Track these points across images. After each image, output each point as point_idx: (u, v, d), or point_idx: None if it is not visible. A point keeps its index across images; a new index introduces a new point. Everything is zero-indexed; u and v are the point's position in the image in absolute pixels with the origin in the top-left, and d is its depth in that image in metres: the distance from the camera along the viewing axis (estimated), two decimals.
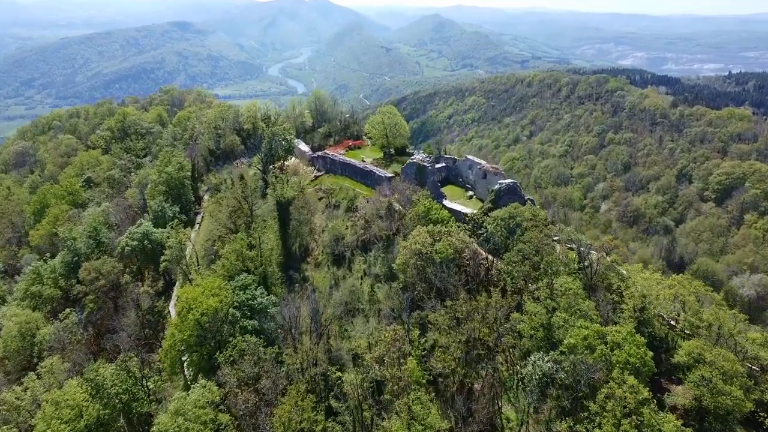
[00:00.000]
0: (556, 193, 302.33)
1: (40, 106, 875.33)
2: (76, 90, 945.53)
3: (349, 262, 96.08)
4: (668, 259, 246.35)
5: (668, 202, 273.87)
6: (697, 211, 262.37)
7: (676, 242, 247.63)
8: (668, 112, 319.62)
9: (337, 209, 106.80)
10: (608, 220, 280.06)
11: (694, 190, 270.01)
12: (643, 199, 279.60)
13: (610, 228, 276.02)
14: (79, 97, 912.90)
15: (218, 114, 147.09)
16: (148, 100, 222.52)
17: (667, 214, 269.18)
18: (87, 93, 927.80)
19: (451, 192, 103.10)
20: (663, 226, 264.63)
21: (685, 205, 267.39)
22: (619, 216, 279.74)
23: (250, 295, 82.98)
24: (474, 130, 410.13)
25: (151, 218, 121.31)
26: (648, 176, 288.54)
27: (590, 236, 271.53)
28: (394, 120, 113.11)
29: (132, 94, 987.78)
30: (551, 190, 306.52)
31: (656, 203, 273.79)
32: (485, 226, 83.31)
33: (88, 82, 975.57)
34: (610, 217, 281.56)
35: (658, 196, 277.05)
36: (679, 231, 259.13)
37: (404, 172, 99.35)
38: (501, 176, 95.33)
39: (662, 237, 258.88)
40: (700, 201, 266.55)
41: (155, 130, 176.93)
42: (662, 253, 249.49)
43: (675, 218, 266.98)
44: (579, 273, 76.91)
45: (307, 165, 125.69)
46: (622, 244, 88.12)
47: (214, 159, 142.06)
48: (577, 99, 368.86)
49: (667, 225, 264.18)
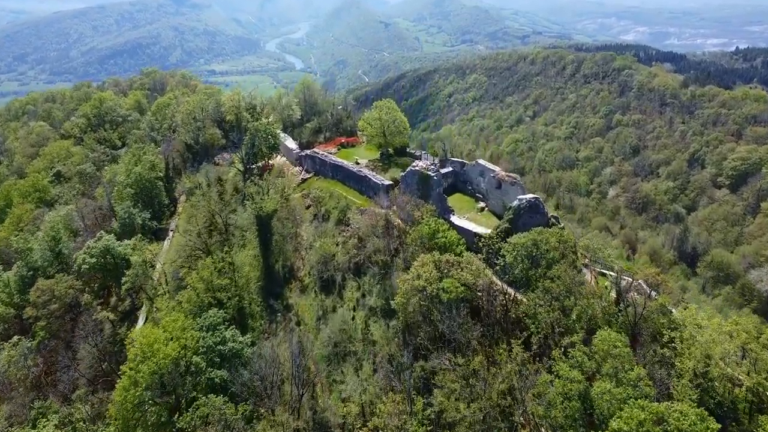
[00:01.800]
0: (561, 177, 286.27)
1: (34, 82, 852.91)
2: (71, 65, 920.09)
3: (340, 288, 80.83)
4: (680, 250, 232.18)
5: (679, 188, 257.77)
6: (710, 199, 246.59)
7: (689, 232, 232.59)
8: (679, 93, 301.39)
9: (327, 221, 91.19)
10: (616, 207, 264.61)
11: (707, 176, 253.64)
12: (653, 184, 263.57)
13: (617, 215, 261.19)
14: (74, 72, 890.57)
15: (196, 103, 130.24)
16: (128, 83, 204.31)
17: (678, 201, 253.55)
18: (82, 69, 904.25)
19: (459, 202, 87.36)
20: (674, 213, 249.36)
21: (698, 192, 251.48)
22: (628, 202, 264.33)
23: (219, 338, 67.91)
24: (475, 110, 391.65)
25: (118, 225, 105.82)
26: (658, 160, 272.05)
27: (597, 224, 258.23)
28: (393, 116, 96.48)
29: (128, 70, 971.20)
30: (556, 174, 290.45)
31: (667, 189, 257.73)
32: (503, 254, 67.93)
33: (82, 57, 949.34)
34: (618, 203, 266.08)
35: (669, 181, 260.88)
36: (691, 219, 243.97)
37: (404, 181, 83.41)
38: (519, 187, 79.58)
39: (673, 226, 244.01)
40: (713, 187, 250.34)
41: (132, 118, 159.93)
42: (674, 243, 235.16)
43: (686, 205, 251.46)
44: (618, 315, 61.79)
45: (294, 164, 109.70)
46: (671, 280, 71.05)
47: (191, 155, 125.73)
48: (582, 78, 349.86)
49: (678, 213, 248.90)
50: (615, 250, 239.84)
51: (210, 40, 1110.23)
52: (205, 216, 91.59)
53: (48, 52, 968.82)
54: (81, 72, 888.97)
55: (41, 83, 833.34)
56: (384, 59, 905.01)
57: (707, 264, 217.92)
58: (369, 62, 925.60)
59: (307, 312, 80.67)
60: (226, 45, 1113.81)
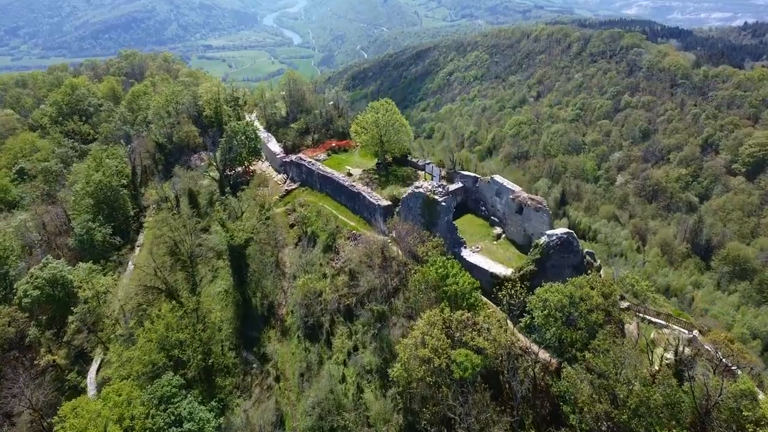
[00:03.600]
0: (567, 162, 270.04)
1: (27, 56, 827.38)
2: (64, 40, 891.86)
3: (328, 335, 66.10)
4: (693, 242, 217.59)
5: (692, 175, 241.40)
6: (724, 187, 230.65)
7: (703, 222, 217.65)
8: (690, 73, 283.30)
9: (314, 245, 76.01)
10: (624, 195, 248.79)
11: (722, 163, 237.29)
12: (664, 171, 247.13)
13: (626, 203, 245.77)
14: (67, 47, 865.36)
15: (170, 96, 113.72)
16: (105, 66, 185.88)
17: (691, 189, 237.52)
18: (75, 44, 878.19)
19: (471, 225, 72.03)
20: (686, 202, 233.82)
21: (711, 180, 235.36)
22: (637, 190, 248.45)
23: (174, 416, 53.29)
24: (476, 89, 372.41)
25: (75, 242, 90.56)
26: (669, 145, 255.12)
27: (605, 213, 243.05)
28: (393, 119, 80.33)
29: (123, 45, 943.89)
30: (561, 158, 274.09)
31: (678, 176, 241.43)
32: (530, 309, 53.11)
33: (75, 32, 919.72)
34: (627, 191, 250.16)
35: (681, 168, 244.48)
36: (704, 209, 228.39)
37: (405, 205, 67.95)
38: (544, 213, 64.22)
39: (686, 215, 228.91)
40: (728, 175, 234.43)
41: (105, 108, 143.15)
42: (686, 235, 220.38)
43: (699, 194, 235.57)
44: (681, 403, 46.97)
45: (278, 171, 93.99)
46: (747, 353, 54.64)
47: (164, 156, 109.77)
48: (588, 56, 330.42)
49: (690, 201, 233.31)
50: (625, 241, 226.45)
51: (206, 14, 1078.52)
52: (168, 245, 76.11)
53: (41, 26, 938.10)
54: (75, 47, 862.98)
55: (34, 58, 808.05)
56: (383, 34, 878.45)
57: (723, 258, 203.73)
58: (368, 37, 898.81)
59: (289, 364, 65.99)
60: (222, 19, 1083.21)
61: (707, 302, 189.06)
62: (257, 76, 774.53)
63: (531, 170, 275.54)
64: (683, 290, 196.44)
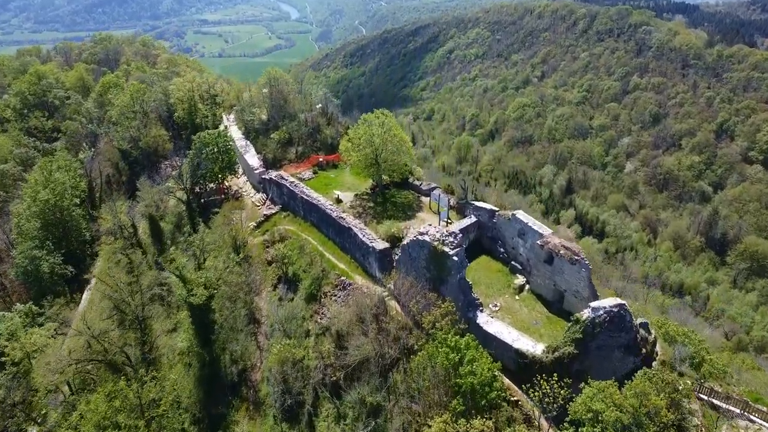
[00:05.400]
0: (573, 147, 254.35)
1: (18, 31, 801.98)
2: (57, 14, 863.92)
3: (310, 416, 52.20)
4: (707, 235, 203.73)
5: (705, 163, 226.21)
6: (740, 176, 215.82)
7: (718, 214, 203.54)
8: (703, 53, 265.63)
9: (295, 291, 61.65)
10: (634, 183, 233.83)
11: (737, 150, 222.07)
12: (676, 158, 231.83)
13: (636, 192, 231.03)
14: (60, 21, 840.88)
15: (136, 93, 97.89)
16: (77, 52, 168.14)
17: (704, 178, 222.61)
18: (68, 17, 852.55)
19: (487, 271, 57.49)
20: (699, 192, 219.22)
21: (726, 168, 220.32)
22: (647, 178, 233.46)
23: None
24: (478, 68, 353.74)
25: (18, 273, 76.07)
26: (681, 131, 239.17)
27: (613, 202, 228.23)
28: (391, 135, 64.65)
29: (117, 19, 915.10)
30: (567, 143, 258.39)
31: (691, 164, 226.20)
32: (572, 413, 39.21)
33: (68, 5, 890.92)
34: (637, 179, 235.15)
35: (694, 155, 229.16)
36: (719, 199, 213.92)
37: (406, 254, 53.20)
38: (582, 267, 49.62)
39: (698, 206, 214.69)
40: (744, 163, 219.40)
41: (72, 102, 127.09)
42: (700, 227, 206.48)
43: (713, 182, 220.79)
44: None
45: (257, 188, 79.10)
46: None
47: (128, 165, 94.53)
48: (595, 34, 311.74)
49: (704, 191, 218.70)
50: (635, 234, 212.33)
51: None
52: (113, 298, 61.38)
53: None
54: (68, 21, 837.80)
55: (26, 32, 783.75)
56: (381, 9, 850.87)
57: (739, 253, 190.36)
58: (366, 12, 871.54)
59: None
60: None
61: (723, 302, 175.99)
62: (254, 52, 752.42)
63: (535, 156, 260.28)
64: (697, 288, 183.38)
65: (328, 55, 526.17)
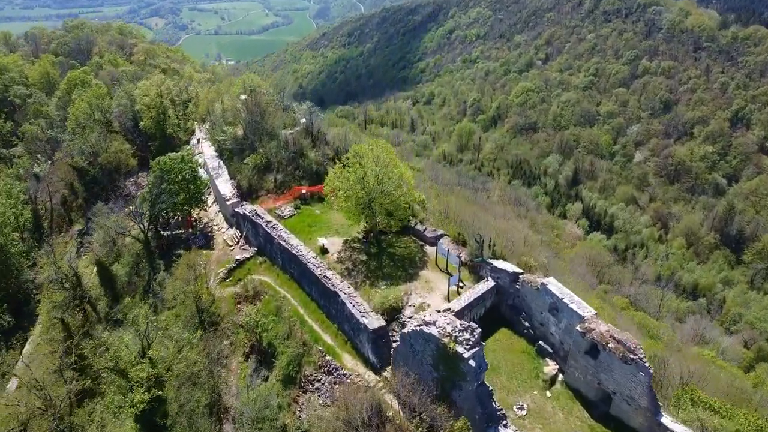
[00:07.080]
0: (580, 135, 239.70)
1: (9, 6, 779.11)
2: None
3: None
4: (722, 231, 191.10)
5: (719, 153, 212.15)
6: (757, 167, 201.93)
7: (734, 209, 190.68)
8: (717, 35, 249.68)
9: (269, 365, 49.12)
10: (643, 174, 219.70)
11: (754, 139, 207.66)
12: (688, 148, 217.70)
13: (646, 184, 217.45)
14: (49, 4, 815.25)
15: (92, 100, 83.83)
16: (47, 40, 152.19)
17: (718, 169, 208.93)
18: None
19: (508, 353, 44.69)
20: (713, 184, 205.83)
21: (742, 159, 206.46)
22: (658, 169, 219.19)
23: None
24: (479, 49, 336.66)
25: None
26: (693, 119, 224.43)
27: (622, 194, 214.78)
28: (388, 172, 51.47)
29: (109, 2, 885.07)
30: (573, 130, 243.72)
31: (704, 154, 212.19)
32: None
33: None
34: (646, 169, 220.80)
35: (707, 145, 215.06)
36: (733, 192, 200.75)
37: (407, 345, 40.60)
38: (638, 368, 36.96)
39: (712, 199, 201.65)
40: (760, 153, 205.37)
41: (34, 100, 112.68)
42: (714, 223, 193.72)
43: (728, 174, 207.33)
44: None
45: (230, 222, 65.95)
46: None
47: (84, 186, 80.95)
48: (602, 14, 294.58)
49: (718, 183, 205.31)
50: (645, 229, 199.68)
51: None
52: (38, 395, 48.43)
53: None
54: None
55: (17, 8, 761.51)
56: None
57: (757, 252, 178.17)
58: None
59: None
60: None
61: (740, 304, 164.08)
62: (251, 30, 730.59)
63: (540, 144, 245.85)
64: (712, 289, 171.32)
65: (326, 34, 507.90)
